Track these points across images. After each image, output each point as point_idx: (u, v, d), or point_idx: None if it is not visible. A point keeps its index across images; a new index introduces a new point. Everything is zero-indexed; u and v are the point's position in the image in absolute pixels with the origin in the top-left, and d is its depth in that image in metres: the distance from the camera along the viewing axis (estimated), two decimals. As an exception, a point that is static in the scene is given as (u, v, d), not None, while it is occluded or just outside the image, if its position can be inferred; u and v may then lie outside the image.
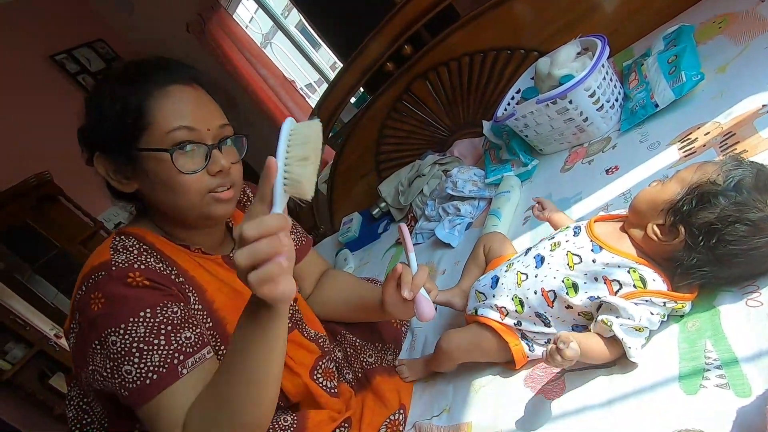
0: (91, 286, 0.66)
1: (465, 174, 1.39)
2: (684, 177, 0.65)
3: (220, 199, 0.74)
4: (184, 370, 0.65)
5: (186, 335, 0.67)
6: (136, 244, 0.73)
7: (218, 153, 0.73)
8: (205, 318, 0.75)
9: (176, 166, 0.69)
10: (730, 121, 0.88)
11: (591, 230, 0.74)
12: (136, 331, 0.64)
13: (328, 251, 1.85)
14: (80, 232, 2.67)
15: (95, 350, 0.65)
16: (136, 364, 0.63)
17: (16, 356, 2.42)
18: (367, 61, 1.65)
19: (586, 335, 0.69)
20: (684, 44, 1.09)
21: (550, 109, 1.15)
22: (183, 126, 0.70)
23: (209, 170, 0.72)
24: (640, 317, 0.65)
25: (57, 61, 2.88)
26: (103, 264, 0.67)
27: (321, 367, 0.89)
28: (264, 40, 3.49)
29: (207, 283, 0.77)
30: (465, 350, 0.84)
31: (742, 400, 0.53)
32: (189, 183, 0.71)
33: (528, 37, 1.47)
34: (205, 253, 0.80)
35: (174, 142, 0.69)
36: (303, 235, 1.05)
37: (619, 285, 0.68)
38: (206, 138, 0.72)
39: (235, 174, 0.76)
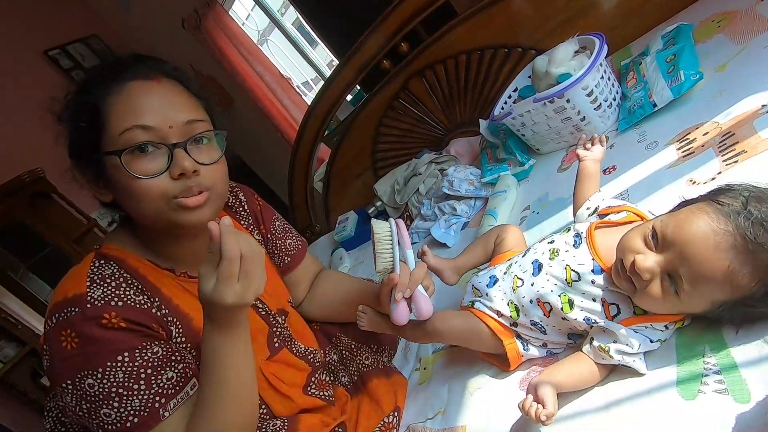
0: (63, 321, 0.62)
1: (461, 173, 1.38)
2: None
3: (186, 206, 0.66)
4: (166, 412, 0.63)
5: (168, 376, 0.64)
6: (115, 272, 0.67)
7: (181, 153, 0.65)
8: (189, 349, 0.71)
9: (127, 170, 0.63)
10: (730, 121, 0.87)
11: (592, 243, 0.70)
12: (114, 375, 0.61)
13: (324, 250, 1.84)
14: (74, 229, 2.64)
15: (65, 390, 0.61)
16: (115, 409, 0.61)
17: (8, 355, 2.39)
18: (364, 59, 1.64)
19: (573, 364, 0.68)
20: (683, 43, 1.08)
21: (548, 108, 1.14)
22: (137, 125, 0.63)
23: (171, 173, 0.65)
24: (638, 345, 0.63)
25: (51, 56, 2.84)
26: (77, 298, 0.62)
27: (314, 382, 0.88)
28: (260, 37, 3.46)
29: (194, 311, 0.72)
30: (458, 335, 0.83)
31: (741, 406, 0.52)
32: (147, 188, 0.64)
33: (525, 35, 1.46)
34: (191, 277, 0.76)
35: (128, 143, 0.63)
36: (298, 239, 1.02)
37: (618, 310, 0.66)
38: (169, 137, 0.65)
39: (209, 177, 0.68)
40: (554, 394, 0.62)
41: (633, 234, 0.63)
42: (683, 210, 0.59)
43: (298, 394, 0.83)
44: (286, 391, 0.81)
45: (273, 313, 0.86)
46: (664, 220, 0.60)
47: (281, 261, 0.98)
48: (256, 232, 0.95)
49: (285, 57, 3.36)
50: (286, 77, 3.07)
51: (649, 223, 0.61)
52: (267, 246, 0.96)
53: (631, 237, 0.62)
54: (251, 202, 0.96)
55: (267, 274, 0.89)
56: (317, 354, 0.92)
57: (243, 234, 0.60)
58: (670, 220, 0.59)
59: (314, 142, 1.85)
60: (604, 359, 0.65)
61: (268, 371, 0.80)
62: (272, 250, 0.97)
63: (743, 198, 0.54)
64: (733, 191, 0.57)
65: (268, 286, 0.89)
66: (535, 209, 1.14)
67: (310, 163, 1.91)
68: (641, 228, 0.62)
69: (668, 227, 0.58)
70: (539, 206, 1.13)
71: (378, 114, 1.77)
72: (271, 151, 2.77)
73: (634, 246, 0.61)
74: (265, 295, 0.86)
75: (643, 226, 0.62)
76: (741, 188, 0.57)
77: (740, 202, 0.54)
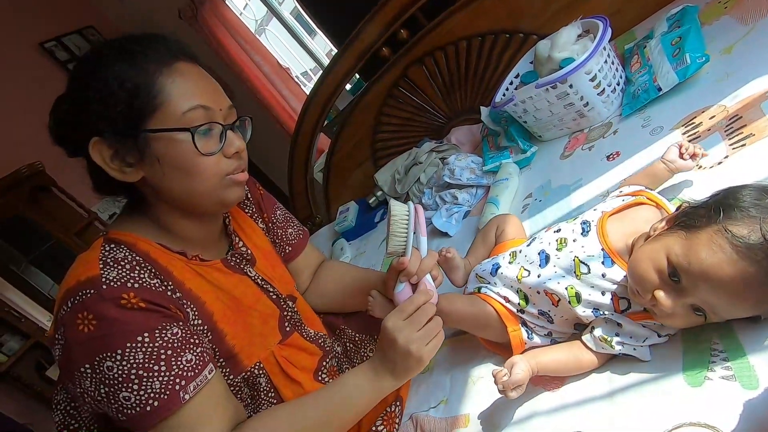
0: (79, 304, 0.60)
1: (462, 161, 1.36)
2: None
3: (238, 181, 0.72)
4: (186, 395, 0.62)
5: (187, 358, 0.63)
6: (127, 255, 0.66)
7: (232, 134, 0.70)
8: (206, 332, 0.71)
9: (197, 147, 0.65)
10: (737, 104, 0.85)
11: (603, 233, 0.68)
12: (134, 357, 0.60)
13: (325, 241, 1.83)
14: (75, 223, 2.64)
15: (84, 374, 0.60)
16: (135, 391, 0.60)
17: (12, 348, 2.40)
18: (363, 46, 1.61)
19: (562, 350, 0.68)
20: (688, 25, 1.05)
21: (550, 93, 1.12)
22: (199, 105, 0.66)
23: (225, 152, 0.69)
24: (645, 339, 0.62)
25: (47, 48, 2.81)
26: (92, 280, 0.61)
27: (325, 367, 0.87)
28: (258, 26, 3.42)
29: (205, 294, 0.73)
30: (463, 318, 0.82)
31: (749, 392, 0.51)
32: (207, 165, 0.67)
33: (527, 20, 1.43)
34: (203, 260, 0.76)
35: (191, 122, 0.65)
36: (300, 228, 1.02)
37: (628, 304, 0.64)
38: (219, 118, 0.69)
39: (245, 156, 0.74)
40: (525, 370, 0.64)
41: (645, 264, 0.58)
42: (700, 243, 0.53)
43: (308, 380, 0.83)
44: (296, 376, 0.80)
45: (283, 297, 0.86)
46: (680, 254, 0.55)
47: (282, 250, 0.97)
48: (260, 221, 0.95)
49: (283, 47, 3.33)
50: (285, 67, 3.04)
51: (661, 251, 0.56)
52: (269, 235, 0.96)
53: (645, 268, 0.58)
54: (253, 191, 0.96)
55: (273, 262, 0.93)
56: (327, 339, 0.92)
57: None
58: (690, 257, 0.54)
59: (313, 132, 1.84)
60: (605, 349, 0.64)
61: (281, 355, 0.80)
62: (274, 239, 0.97)
63: (765, 229, 0.50)
64: (745, 215, 0.51)
65: (277, 272, 0.90)
66: (537, 197, 1.12)
67: (309, 154, 1.90)
68: (652, 254, 0.58)
69: (689, 266, 0.53)
70: (542, 194, 1.12)
71: (378, 103, 1.75)
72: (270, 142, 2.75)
73: (649, 279, 0.57)
74: (275, 280, 0.87)
75: (656, 254, 0.57)
76: (750, 205, 0.52)
77: (759, 234, 0.50)
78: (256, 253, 0.87)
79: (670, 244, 0.56)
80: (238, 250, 0.83)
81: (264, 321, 0.80)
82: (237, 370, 0.75)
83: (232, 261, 0.81)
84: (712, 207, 0.55)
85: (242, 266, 0.82)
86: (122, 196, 0.75)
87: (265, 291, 0.83)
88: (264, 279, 0.84)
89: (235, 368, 0.74)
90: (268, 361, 0.78)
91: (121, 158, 0.66)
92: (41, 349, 2.50)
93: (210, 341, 0.72)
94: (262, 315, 0.81)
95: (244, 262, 0.83)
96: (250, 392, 0.77)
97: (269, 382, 0.78)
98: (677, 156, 0.76)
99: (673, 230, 0.58)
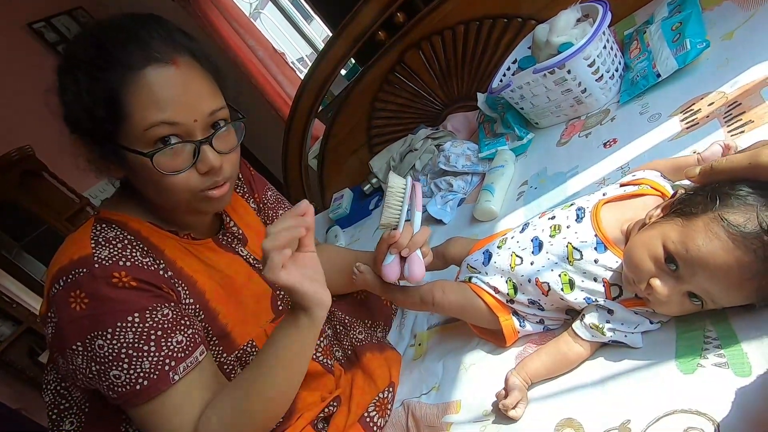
0: (71, 282, 0.60)
1: (458, 148, 1.35)
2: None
3: (212, 197, 0.67)
4: (176, 375, 0.62)
5: (177, 339, 0.63)
6: (119, 234, 0.66)
7: (208, 149, 0.64)
8: (198, 311, 0.71)
9: (158, 169, 0.61)
10: (736, 91, 0.84)
11: (596, 219, 0.67)
12: (124, 336, 0.60)
13: (319, 228, 1.82)
14: (66, 208, 2.61)
15: (76, 351, 0.61)
16: (125, 370, 0.60)
17: (4, 333, 2.39)
18: (359, 29, 1.58)
19: (552, 352, 0.68)
20: (689, 10, 1.03)
21: (548, 79, 1.10)
22: (162, 121, 0.60)
23: (198, 169, 0.64)
24: (637, 326, 0.61)
25: (35, 30, 2.75)
26: (84, 259, 0.61)
27: (320, 345, 0.87)
28: (253, 10, 3.36)
29: (197, 273, 0.72)
30: (455, 308, 0.82)
31: (741, 379, 0.51)
32: (175, 183, 0.63)
33: (526, 4, 1.40)
34: (194, 239, 0.75)
35: (154, 139, 0.61)
36: None
37: (620, 291, 0.63)
38: (194, 131, 0.63)
39: (229, 166, 0.68)
40: (520, 389, 0.66)
41: (641, 252, 0.57)
42: (697, 230, 0.52)
43: None
44: None
45: None
46: (677, 241, 0.54)
47: None
48: (252, 201, 0.94)
49: (279, 31, 3.27)
50: (280, 52, 2.99)
51: (658, 238, 0.55)
52: (260, 215, 0.95)
53: (641, 256, 0.57)
54: (244, 171, 0.96)
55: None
56: None
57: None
58: (687, 244, 0.52)
59: (308, 117, 1.81)
60: (595, 337, 0.64)
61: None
62: (265, 219, 0.96)
63: (761, 218, 0.49)
64: (742, 203, 0.51)
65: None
66: (533, 184, 1.11)
67: (304, 140, 1.87)
68: (648, 242, 0.57)
69: (687, 252, 0.52)
70: (537, 181, 1.11)
71: (373, 88, 1.73)
72: (264, 128, 2.72)
73: (645, 267, 0.56)
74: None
75: (652, 242, 0.56)
76: (747, 193, 0.51)
77: (756, 223, 0.49)
78: (247, 233, 0.86)
79: (666, 231, 0.55)
80: (229, 230, 0.83)
81: (256, 300, 0.80)
82: (230, 349, 0.75)
83: (224, 240, 0.81)
84: (708, 194, 0.54)
85: (234, 245, 0.82)
86: (116, 178, 0.73)
87: (257, 270, 0.83)
88: (256, 258, 0.84)
89: (228, 347, 0.74)
90: (260, 340, 0.78)
91: (102, 159, 0.65)
92: (33, 335, 2.49)
93: (202, 320, 0.71)
94: (255, 294, 0.80)
95: (236, 242, 0.83)
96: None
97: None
98: (720, 155, 0.66)
99: (670, 217, 0.57)
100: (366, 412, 0.84)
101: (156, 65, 0.61)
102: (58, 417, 0.72)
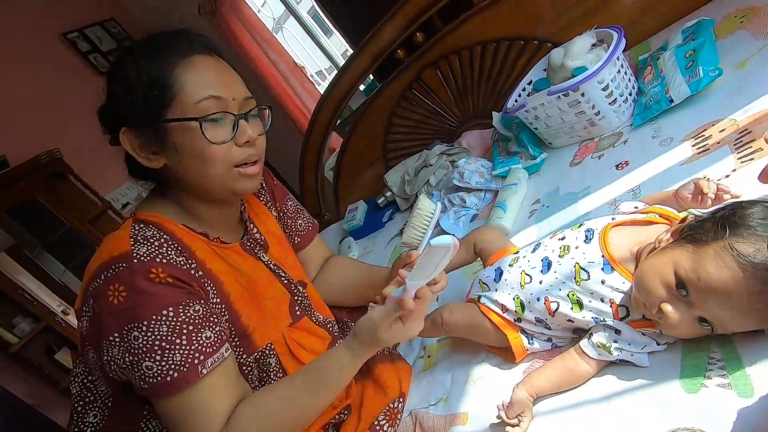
0: (111, 276, 0.64)
1: (472, 165, 1.38)
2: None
3: (247, 175, 0.74)
4: (204, 369, 0.65)
5: (206, 335, 0.67)
6: (155, 234, 0.71)
7: (245, 123, 0.72)
8: (223, 311, 0.75)
9: (205, 135, 0.69)
10: (747, 119, 0.86)
11: (604, 241, 0.68)
12: (158, 329, 0.63)
13: (333, 239, 1.85)
14: (89, 210, 2.68)
15: (113, 342, 0.64)
16: (157, 362, 0.63)
17: (24, 330, 2.45)
18: (379, 47, 1.63)
19: (558, 369, 0.69)
20: (703, 38, 1.06)
21: (562, 101, 1.13)
22: (211, 95, 0.69)
23: (236, 141, 0.72)
24: (643, 346, 0.63)
25: (69, 39, 2.87)
26: (124, 255, 0.66)
27: None
28: (275, 24, 3.46)
29: (223, 275, 0.76)
30: (464, 328, 0.84)
31: (744, 400, 0.52)
32: (217, 153, 0.70)
33: (542, 27, 1.44)
34: (223, 243, 0.79)
35: (203, 112, 0.69)
36: (309, 220, 1.06)
37: (627, 312, 0.65)
38: (232, 108, 0.71)
39: (260, 146, 0.76)
40: (524, 403, 0.68)
41: (652, 277, 0.58)
42: (708, 257, 0.53)
43: None
44: (305, 359, 0.83)
45: (294, 283, 0.89)
46: (688, 268, 0.55)
47: (292, 240, 1.01)
48: (274, 209, 0.99)
49: (299, 45, 3.36)
50: (300, 66, 3.07)
51: (669, 264, 0.56)
52: (280, 223, 0.99)
53: (652, 281, 0.58)
54: (268, 180, 1.01)
55: (285, 249, 0.96)
56: (335, 324, 0.95)
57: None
58: (699, 272, 0.54)
59: (326, 130, 1.86)
60: (602, 356, 0.65)
61: (291, 338, 0.83)
62: (284, 228, 1.00)
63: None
64: (752, 233, 0.51)
65: (288, 259, 0.93)
66: (545, 203, 1.14)
67: (321, 152, 1.92)
68: (660, 267, 0.58)
69: (698, 280, 0.53)
70: (549, 200, 1.13)
71: (391, 104, 1.77)
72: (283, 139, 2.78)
73: (656, 292, 0.57)
74: (286, 266, 0.90)
75: (663, 268, 0.57)
76: (757, 224, 0.52)
77: (765, 254, 0.50)
78: (269, 240, 0.90)
79: (677, 257, 0.56)
80: (252, 236, 0.87)
81: (276, 304, 0.84)
82: (250, 350, 0.78)
83: (248, 245, 0.85)
84: (719, 222, 0.55)
85: (256, 251, 0.86)
86: (151, 182, 0.80)
87: (277, 276, 0.86)
88: (276, 264, 0.87)
89: (248, 348, 0.77)
90: (278, 343, 0.81)
91: (146, 146, 0.71)
92: (52, 333, 2.55)
93: (227, 320, 0.75)
94: (275, 298, 0.84)
95: (258, 248, 0.86)
96: (259, 373, 0.80)
97: (279, 363, 0.81)
98: (689, 196, 0.69)
99: (680, 243, 0.58)
100: (376, 421, 0.85)
101: (201, 54, 0.72)
102: (83, 409, 0.76)
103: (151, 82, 0.68)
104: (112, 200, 2.81)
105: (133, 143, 0.71)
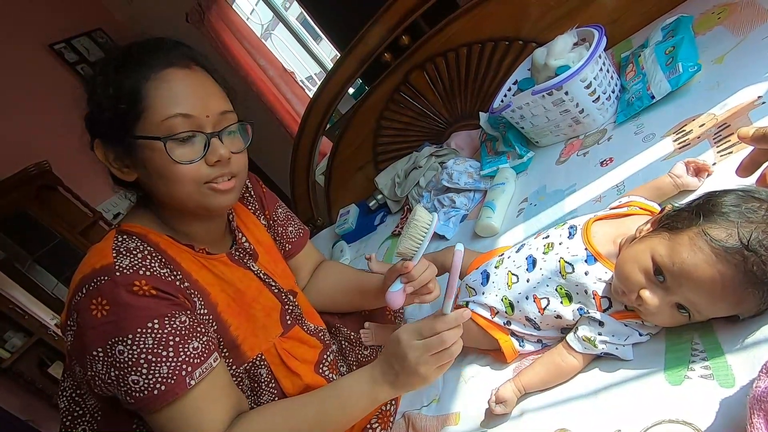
0: (93, 290, 0.63)
1: (461, 166, 1.39)
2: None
3: (218, 190, 0.71)
4: (192, 380, 0.64)
5: (194, 345, 0.66)
6: (139, 245, 0.69)
7: (217, 142, 0.69)
8: (211, 322, 0.74)
9: (170, 155, 0.66)
10: (726, 113, 0.87)
11: (587, 234, 0.70)
12: (144, 342, 0.62)
13: (325, 243, 1.85)
14: (79, 222, 2.67)
15: (96, 357, 0.63)
16: (143, 375, 0.62)
17: (16, 345, 2.44)
18: (365, 51, 1.64)
19: (546, 365, 0.70)
20: (682, 35, 1.07)
21: (546, 100, 1.14)
22: (179, 113, 0.66)
23: (207, 160, 0.69)
24: (627, 338, 0.64)
25: (56, 50, 2.87)
26: (106, 268, 0.64)
27: (326, 360, 0.89)
28: (264, 31, 3.46)
29: (210, 286, 0.75)
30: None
31: (725, 390, 0.53)
32: (184, 173, 0.67)
33: (527, 27, 1.46)
34: (209, 254, 0.78)
35: (169, 130, 0.66)
36: (300, 226, 1.05)
37: (609, 303, 0.66)
38: (205, 125, 0.69)
39: (237, 164, 0.73)
40: (511, 394, 0.70)
41: (631, 265, 0.60)
42: (683, 243, 0.55)
43: (308, 372, 0.85)
44: (297, 368, 0.82)
45: (285, 292, 0.88)
46: (664, 254, 0.57)
47: (283, 248, 1.00)
48: (262, 218, 0.98)
49: (288, 51, 3.37)
50: (290, 71, 3.07)
51: (647, 251, 0.58)
52: (270, 231, 0.99)
53: (631, 268, 0.60)
54: (256, 188, 0.99)
55: (275, 257, 0.95)
56: (326, 333, 0.95)
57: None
58: (673, 257, 0.55)
59: (316, 134, 1.86)
60: (587, 349, 0.66)
61: (282, 347, 0.82)
62: (275, 236, 0.99)
63: (741, 234, 0.51)
64: (724, 219, 0.53)
65: (278, 267, 0.93)
66: (532, 201, 1.14)
67: (311, 156, 1.92)
68: (638, 255, 0.60)
69: (673, 265, 0.55)
70: (537, 198, 1.14)
71: (379, 107, 1.78)
72: (274, 145, 2.78)
73: (635, 279, 0.59)
74: (276, 275, 0.89)
75: (641, 255, 0.59)
76: (729, 210, 0.53)
77: (736, 238, 0.51)
78: (258, 249, 0.89)
79: (654, 244, 0.59)
80: (241, 245, 0.86)
81: (266, 314, 0.83)
82: (240, 361, 0.77)
83: (236, 255, 0.84)
84: (694, 210, 0.57)
85: (245, 261, 0.85)
86: (133, 193, 0.78)
87: (267, 285, 0.86)
88: (266, 273, 0.87)
89: (238, 359, 0.77)
90: (269, 353, 0.80)
91: (119, 159, 0.70)
92: (44, 347, 2.53)
93: (215, 331, 0.74)
94: (265, 308, 0.83)
95: (247, 257, 0.86)
96: (250, 384, 0.79)
97: (270, 374, 0.80)
98: (684, 171, 0.77)
99: (658, 231, 0.61)
100: (369, 424, 0.86)
101: (174, 68, 0.69)
102: (71, 424, 0.75)
103: (120, 96, 0.66)
104: (102, 211, 2.79)
105: (107, 155, 0.70)
